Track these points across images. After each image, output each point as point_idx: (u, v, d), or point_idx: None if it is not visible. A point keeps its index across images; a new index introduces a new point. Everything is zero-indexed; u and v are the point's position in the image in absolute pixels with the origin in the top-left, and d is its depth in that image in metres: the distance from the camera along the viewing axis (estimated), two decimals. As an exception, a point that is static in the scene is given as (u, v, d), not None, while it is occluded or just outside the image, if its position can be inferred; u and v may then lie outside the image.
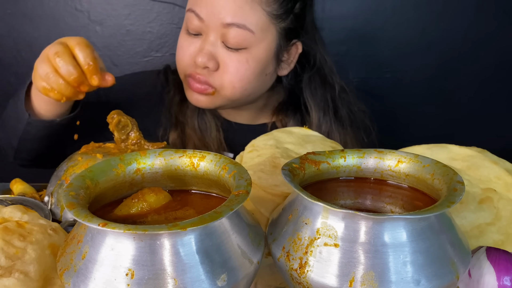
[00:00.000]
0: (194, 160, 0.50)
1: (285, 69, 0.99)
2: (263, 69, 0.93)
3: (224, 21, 0.86)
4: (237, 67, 0.89)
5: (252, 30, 0.87)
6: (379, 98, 1.43)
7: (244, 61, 0.89)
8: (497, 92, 1.54)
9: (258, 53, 0.90)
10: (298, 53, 0.98)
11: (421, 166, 0.52)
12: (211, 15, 0.87)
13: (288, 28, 0.93)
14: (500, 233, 0.57)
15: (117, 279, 0.38)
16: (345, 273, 0.42)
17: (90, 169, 0.47)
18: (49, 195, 0.72)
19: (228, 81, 0.90)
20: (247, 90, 0.93)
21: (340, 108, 1.03)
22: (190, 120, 0.99)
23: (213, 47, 0.89)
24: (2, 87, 1.41)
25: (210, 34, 0.88)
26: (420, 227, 0.44)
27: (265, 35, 0.90)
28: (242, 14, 0.86)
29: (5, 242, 0.48)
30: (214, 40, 0.88)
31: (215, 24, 0.87)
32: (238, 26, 0.86)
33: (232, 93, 0.92)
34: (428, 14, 1.45)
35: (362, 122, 1.07)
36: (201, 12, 0.88)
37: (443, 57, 1.49)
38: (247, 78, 0.91)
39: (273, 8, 0.89)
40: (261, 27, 0.88)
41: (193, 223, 0.38)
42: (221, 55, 0.89)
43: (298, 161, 0.52)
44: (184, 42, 0.93)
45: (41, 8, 1.37)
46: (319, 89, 1.02)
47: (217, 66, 0.89)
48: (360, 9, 1.44)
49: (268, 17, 0.89)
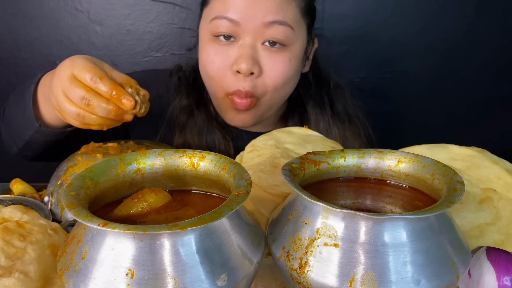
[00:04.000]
0: (194, 160, 0.50)
1: (307, 66, 0.98)
2: (299, 67, 0.92)
3: (266, 20, 0.83)
4: (281, 69, 0.86)
5: (292, 26, 0.86)
6: (379, 98, 1.43)
7: (288, 61, 0.87)
8: (497, 92, 1.54)
9: (297, 50, 0.88)
10: (315, 48, 0.98)
11: (421, 166, 0.52)
12: (250, 17, 0.83)
13: (311, 23, 0.93)
14: (500, 233, 0.57)
15: (117, 279, 0.38)
16: (345, 273, 0.42)
17: (90, 169, 0.47)
18: (49, 195, 0.72)
19: (272, 85, 0.86)
20: (286, 92, 0.90)
21: (336, 104, 1.02)
22: (198, 134, 0.95)
23: (253, 50, 0.84)
24: (2, 87, 1.41)
25: (247, 38, 0.84)
26: (420, 227, 0.44)
27: (300, 31, 0.89)
28: (282, 11, 0.85)
29: (5, 242, 0.48)
30: (253, 43, 0.85)
31: (254, 25, 0.84)
32: (280, 23, 0.84)
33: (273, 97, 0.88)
34: (428, 14, 1.45)
35: (359, 117, 1.05)
36: (236, 16, 0.84)
37: (443, 57, 1.49)
38: (289, 78, 0.88)
39: (304, 4, 0.89)
40: (297, 23, 0.88)
41: (193, 223, 0.38)
42: (262, 58, 0.85)
43: (298, 161, 0.52)
44: (214, 52, 0.87)
45: (41, 8, 1.37)
46: (315, 85, 1.01)
47: (260, 70, 0.85)
48: (360, 9, 1.44)
49: (300, 13, 0.88)
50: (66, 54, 1.45)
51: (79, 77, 0.69)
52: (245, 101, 0.87)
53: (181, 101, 0.97)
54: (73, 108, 0.69)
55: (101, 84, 0.68)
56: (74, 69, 0.69)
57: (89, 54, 1.43)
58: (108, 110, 0.68)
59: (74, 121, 0.71)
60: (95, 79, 0.68)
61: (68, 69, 0.70)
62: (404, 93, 1.53)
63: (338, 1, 1.42)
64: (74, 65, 0.69)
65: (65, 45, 1.41)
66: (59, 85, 0.70)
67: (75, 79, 0.69)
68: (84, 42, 1.41)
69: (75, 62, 0.70)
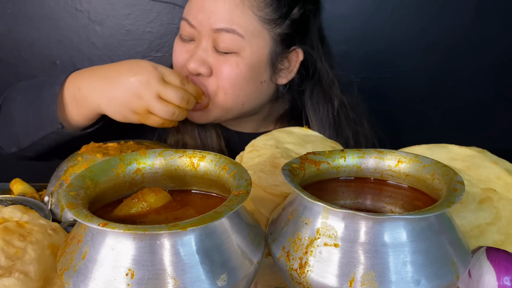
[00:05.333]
0: (194, 160, 0.50)
1: (284, 78, 0.95)
2: (256, 75, 0.90)
3: (214, 26, 0.85)
4: (228, 72, 0.87)
5: (241, 34, 0.86)
6: (379, 98, 1.43)
7: (235, 64, 0.87)
8: (497, 92, 1.54)
9: (249, 57, 0.88)
10: (299, 61, 0.95)
11: (421, 166, 0.52)
12: (202, 21, 0.86)
13: (284, 34, 0.90)
14: (500, 233, 0.57)
15: (117, 279, 0.38)
16: (345, 273, 0.42)
17: (90, 169, 0.47)
18: (49, 195, 0.72)
19: (220, 87, 0.88)
20: (239, 97, 0.90)
21: (342, 125, 1.00)
22: (190, 128, 0.97)
23: (205, 53, 0.88)
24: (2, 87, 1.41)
25: (202, 40, 0.88)
26: (420, 227, 0.44)
27: (256, 39, 0.88)
28: (232, 18, 0.85)
29: (5, 242, 0.48)
30: (205, 46, 0.88)
31: (205, 30, 0.87)
32: (227, 31, 0.85)
33: (224, 101, 0.89)
34: (428, 14, 1.45)
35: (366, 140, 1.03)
36: (193, 20, 0.88)
37: (443, 57, 1.49)
38: (239, 84, 0.88)
39: (265, 13, 0.87)
40: (252, 32, 0.87)
41: (193, 223, 0.38)
42: (212, 60, 0.87)
43: (298, 161, 0.52)
44: (178, 47, 0.92)
45: (41, 8, 1.37)
46: (321, 104, 0.99)
47: (209, 71, 0.88)
48: (360, 9, 1.44)
49: (260, 22, 0.87)
50: (66, 54, 1.46)
51: (169, 80, 0.82)
52: None
53: None
54: (170, 109, 0.81)
55: (190, 85, 0.85)
56: (163, 74, 0.81)
57: (89, 54, 1.44)
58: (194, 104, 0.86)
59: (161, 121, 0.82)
60: (183, 79, 0.83)
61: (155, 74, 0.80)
62: (404, 93, 1.53)
63: (338, 1, 1.42)
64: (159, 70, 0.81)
65: (65, 45, 1.41)
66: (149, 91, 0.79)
67: (166, 82, 0.81)
68: (84, 42, 1.41)
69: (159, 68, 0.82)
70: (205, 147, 0.97)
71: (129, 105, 0.80)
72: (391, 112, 1.47)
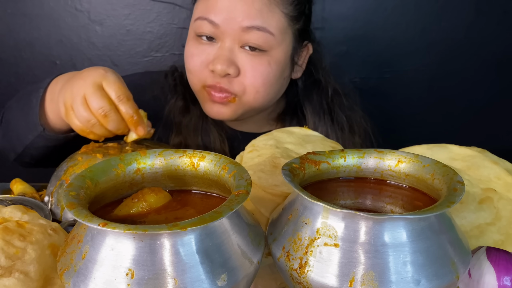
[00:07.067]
0: (194, 160, 0.50)
1: (299, 72, 0.98)
2: (283, 72, 0.92)
3: (243, 25, 0.84)
4: (260, 71, 0.87)
5: (272, 32, 0.86)
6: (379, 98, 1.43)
7: (267, 64, 0.87)
8: (497, 92, 1.54)
9: (279, 55, 0.89)
10: (308, 55, 0.98)
11: (421, 166, 0.52)
12: (229, 20, 0.85)
13: (301, 29, 0.93)
14: (500, 233, 0.57)
15: (117, 279, 0.38)
16: (345, 273, 0.42)
17: (90, 169, 0.47)
18: (49, 195, 0.72)
19: (251, 85, 0.88)
20: (269, 95, 0.91)
21: (336, 112, 1.01)
22: (193, 133, 0.97)
23: (231, 53, 0.86)
24: (2, 87, 1.41)
25: (226, 40, 0.86)
26: (420, 227, 0.44)
27: (284, 37, 0.89)
28: (262, 16, 0.85)
29: (5, 242, 0.48)
30: (231, 45, 0.86)
31: (232, 29, 0.85)
32: (258, 29, 0.85)
33: (255, 99, 0.89)
34: (428, 14, 1.45)
35: (359, 127, 1.05)
36: (216, 19, 0.86)
37: (443, 57, 1.49)
38: (270, 82, 0.89)
39: (290, 10, 0.89)
40: (280, 29, 0.88)
41: (193, 223, 0.38)
42: (241, 60, 0.87)
43: (298, 161, 0.52)
44: (195, 50, 0.90)
45: (41, 8, 1.37)
46: (315, 92, 1.01)
47: (237, 71, 0.87)
48: (360, 9, 1.44)
49: (286, 19, 0.88)
50: (66, 54, 1.46)
51: (106, 89, 0.73)
52: (220, 94, 0.89)
53: (177, 101, 0.99)
54: (86, 114, 0.73)
55: (126, 105, 0.73)
56: (105, 80, 0.73)
57: (89, 54, 1.44)
58: (118, 128, 0.74)
59: (79, 126, 0.74)
60: (123, 97, 0.73)
61: (98, 77, 0.73)
62: (404, 93, 1.53)
63: (338, 1, 1.42)
64: (107, 77, 0.73)
65: (65, 45, 1.41)
66: (82, 89, 0.73)
67: (101, 89, 0.73)
68: (84, 42, 1.41)
69: (108, 75, 0.74)
70: (207, 148, 0.97)
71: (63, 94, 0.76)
72: (391, 112, 1.47)
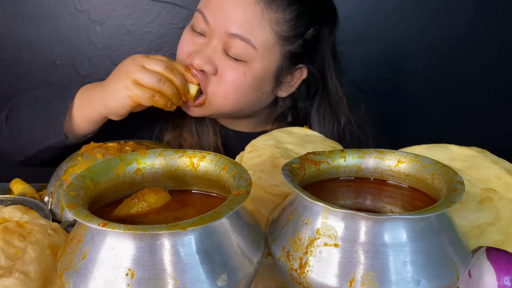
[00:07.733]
0: (194, 160, 0.50)
1: (285, 91, 0.95)
2: (260, 86, 0.90)
3: (229, 31, 0.84)
4: (233, 77, 0.86)
5: (255, 46, 0.85)
6: (379, 98, 1.43)
7: (242, 73, 0.86)
8: (497, 92, 1.54)
9: (257, 69, 0.87)
10: (302, 78, 0.95)
11: (421, 166, 0.52)
12: (218, 21, 0.85)
13: (294, 52, 0.90)
14: (500, 233, 0.57)
15: (117, 279, 0.38)
16: (345, 273, 0.42)
17: (90, 169, 0.47)
18: (49, 195, 0.72)
19: (222, 90, 0.87)
20: (239, 104, 0.90)
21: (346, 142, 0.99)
22: (188, 122, 0.97)
23: (213, 52, 0.86)
24: (2, 87, 1.41)
25: (213, 39, 0.86)
26: (420, 227, 0.44)
27: (267, 53, 0.87)
28: (249, 27, 0.84)
29: (5, 242, 0.48)
30: (215, 46, 0.86)
31: (219, 31, 0.85)
32: (242, 39, 0.84)
33: (223, 103, 0.89)
34: (428, 14, 1.45)
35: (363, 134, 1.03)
36: (209, 16, 0.86)
37: (443, 57, 1.49)
38: (242, 91, 0.88)
39: (282, 29, 0.87)
40: (265, 45, 0.86)
41: (193, 223, 0.38)
42: (219, 62, 0.86)
43: (298, 161, 0.52)
44: (187, 37, 0.91)
45: (41, 8, 1.37)
46: (328, 119, 0.98)
47: (214, 71, 0.87)
48: (360, 9, 1.44)
49: (275, 37, 0.87)
50: (66, 54, 1.46)
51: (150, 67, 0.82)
52: None
53: None
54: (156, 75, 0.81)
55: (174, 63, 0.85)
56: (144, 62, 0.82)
57: (89, 54, 1.44)
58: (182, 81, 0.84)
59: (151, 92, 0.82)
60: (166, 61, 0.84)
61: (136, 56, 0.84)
62: (404, 93, 1.53)
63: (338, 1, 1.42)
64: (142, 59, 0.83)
65: (65, 45, 1.41)
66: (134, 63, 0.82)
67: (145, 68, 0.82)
68: (84, 42, 1.41)
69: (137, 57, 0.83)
70: (201, 143, 0.97)
71: (120, 82, 0.81)
72: (391, 112, 1.47)
